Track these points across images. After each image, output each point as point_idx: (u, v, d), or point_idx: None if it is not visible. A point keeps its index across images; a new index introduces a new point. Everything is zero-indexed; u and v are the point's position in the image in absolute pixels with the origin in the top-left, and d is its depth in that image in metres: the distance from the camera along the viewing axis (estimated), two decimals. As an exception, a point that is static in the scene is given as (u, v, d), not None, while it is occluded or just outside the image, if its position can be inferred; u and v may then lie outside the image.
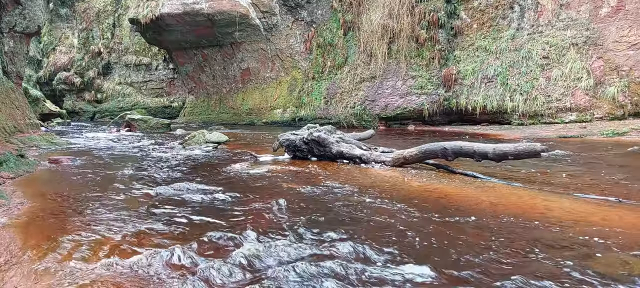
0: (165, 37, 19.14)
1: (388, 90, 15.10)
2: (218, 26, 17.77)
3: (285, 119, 17.80)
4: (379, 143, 7.79)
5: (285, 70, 18.75)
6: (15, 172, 5.09)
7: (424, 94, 14.39)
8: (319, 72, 17.46)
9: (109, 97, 24.66)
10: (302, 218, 3.23)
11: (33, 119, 9.83)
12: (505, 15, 13.38)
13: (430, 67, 14.49)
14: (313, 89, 17.36)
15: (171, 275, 2.21)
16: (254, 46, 18.76)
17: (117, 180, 5.00)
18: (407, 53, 14.88)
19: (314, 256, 2.44)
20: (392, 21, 15.00)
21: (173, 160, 6.94)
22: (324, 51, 17.46)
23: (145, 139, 11.31)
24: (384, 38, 15.25)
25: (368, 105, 15.43)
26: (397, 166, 5.82)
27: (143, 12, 18.26)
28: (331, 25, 17.38)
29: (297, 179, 5.05)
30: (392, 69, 15.22)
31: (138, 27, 19.21)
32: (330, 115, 16.22)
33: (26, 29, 9.57)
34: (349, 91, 16.07)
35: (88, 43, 25.12)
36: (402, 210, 3.47)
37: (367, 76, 15.74)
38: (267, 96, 19.07)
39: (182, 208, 3.59)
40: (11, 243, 2.55)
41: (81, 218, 3.19)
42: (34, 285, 2.03)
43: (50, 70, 26.24)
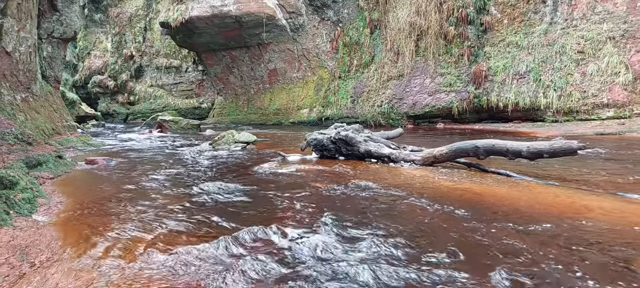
0: (195, 40, 19.50)
1: (416, 88, 14.92)
2: (245, 28, 17.97)
3: (312, 118, 17.83)
4: (408, 142, 7.69)
5: (311, 69, 18.79)
6: (55, 173, 5.27)
7: (453, 91, 14.14)
8: (345, 71, 17.41)
9: (141, 99, 25.31)
10: (332, 217, 3.21)
11: (70, 121, 10.17)
12: (537, 10, 12.99)
13: (459, 64, 14.23)
14: (339, 88, 17.32)
15: (204, 273, 2.23)
16: (281, 46, 18.88)
17: (150, 180, 5.11)
18: (435, 50, 14.66)
19: (344, 254, 2.42)
20: (420, 18, 14.81)
21: (203, 160, 7.05)
22: (350, 50, 17.40)
23: (176, 139, 11.54)
24: (411, 35, 15.08)
25: (395, 104, 15.29)
26: (427, 165, 5.73)
27: (173, 15, 18.66)
28: (357, 24, 17.30)
29: (325, 178, 5.04)
30: (419, 67, 15.03)
31: (168, 30, 19.65)
32: (357, 114, 16.15)
33: (63, 35, 9.92)
34: (376, 90, 15.97)
35: (121, 47, 25.86)
36: (433, 210, 3.40)
37: (395, 74, 15.59)
38: (294, 96, 19.15)
39: (214, 207, 3.64)
40: (52, 241, 2.64)
41: (117, 217, 3.27)
42: (74, 282, 2.09)
43: (85, 74, 27.16)
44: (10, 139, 5.58)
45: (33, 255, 2.39)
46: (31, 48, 8.64)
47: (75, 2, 10.18)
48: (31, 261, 2.30)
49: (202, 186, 4.54)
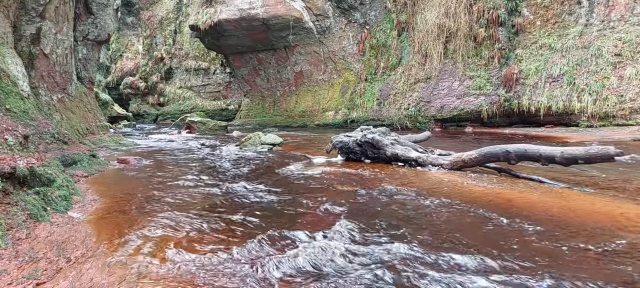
0: (223, 42, 19.79)
1: (444, 91, 14.70)
2: (273, 30, 18.11)
3: (337, 121, 17.80)
4: (435, 145, 7.58)
5: (337, 72, 18.77)
6: (88, 171, 5.43)
7: (482, 94, 13.87)
8: (371, 73, 17.32)
9: (170, 100, 25.85)
10: (357, 220, 3.19)
11: (103, 121, 10.48)
12: (572, 11, 12.61)
13: (489, 66, 13.94)
14: (366, 91, 17.24)
15: (231, 271, 2.25)
16: (307, 49, 18.94)
17: (179, 179, 5.20)
18: (464, 52, 14.42)
19: (369, 258, 2.39)
20: (449, 20, 14.59)
21: (231, 161, 7.13)
22: (377, 52, 17.31)
23: (204, 140, 11.72)
24: (439, 38, 14.88)
25: (423, 107, 15.11)
26: (456, 169, 5.63)
27: (202, 18, 18.99)
28: (385, 26, 17.19)
29: (351, 181, 5.02)
30: (448, 69, 14.81)
31: (197, 33, 20.02)
32: (383, 117, 16.03)
33: (98, 37, 10.24)
34: (402, 92, 15.81)
35: (152, 49, 26.51)
36: (463, 215, 3.34)
37: (422, 77, 15.40)
38: (320, 98, 19.18)
39: (241, 208, 3.67)
40: (86, 238, 2.71)
41: (148, 216, 3.34)
42: (107, 278, 2.14)
43: (117, 76, 27.95)
44: (48, 138, 5.79)
45: (69, 250, 2.47)
46: (67, 50, 8.95)
47: (109, 6, 10.50)
48: (67, 256, 2.38)
49: (229, 187, 4.59)
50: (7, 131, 3.92)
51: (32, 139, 4.81)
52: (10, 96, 5.80)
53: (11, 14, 7.08)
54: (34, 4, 7.67)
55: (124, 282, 2.10)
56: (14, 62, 6.72)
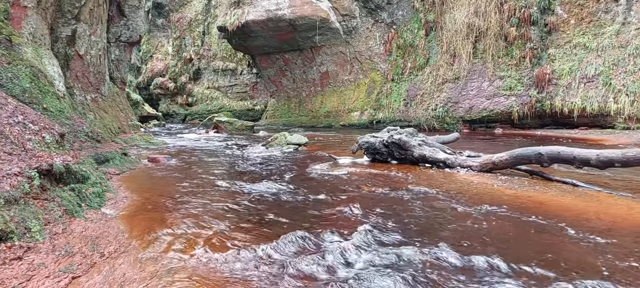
0: (250, 43, 20.00)
1: (473, 92, 14.43)
2: (299, 31, 18.19)
3: (363, 121, 17.72)
4: (464, 147, 7.45)
5: (363, 72, 18.70)
6: (120, 169, 5.58)
7: (513, 95, 13.54)
8: (398, 73, 17.17)
9: (198, 100, 26.30)
10: (384, 221, 3.16)
11: (134, 120, 10.75)
12: (608, 9, 12.17)
13: (521, 66, 13.61)
14: (392, 91, 17.10)
15: (259, 269, 2.27)
16: (333, 49, 18.93)
17: (207, 178, 5.28)
18: (494, 52, 14.12)
19: (396, 261, 2.37)
20: (479, 19, 14.33)
21: (257, 160, 7.19)
22: (404, 52, 17.15)
23: (231, 140, 11.87)
24: (469, 37, 14.62)
25: (451, 107, 14.87)
26: (485, 172, 5.51)
27: (230, 19, 19.25)
28: (412, 26, 17.02)
29: (377, 182, 4.98)
30: (477, 69, 14.53)
31: (225, 34, 20.31)
32: (410, 118, 15.87)
33: (129, 39, 10.50)
34: (430, 93, 15.61)
35: (181, 50, 27.05)
36: (492, 218, 3.26)
37: (450, 77, 15.17)
38: (345, 99, 19.14)
39: (267, 207, 3.70)
40: (119, 234, 2.78)
41: (177, 213, 3.40)
42: (139, 273, 2.19)
43: (148, 76, 28.64)
44: (82, 137, 5.97)
45: (102, 245, 2.53)
46: (101, 51, 9.22)
47: (141, 8, 10.76)
48: (101, 251, 2.44)
49: (256, 186, 4.63)
50: (45, 129, 4.07)
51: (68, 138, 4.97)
52: (47, 96, 6.02)
53: (48, 17, 7.34)
54: (70, 7, 7.93)
55: (155, 277, 2.14)
56: (51, 63, 6.96)
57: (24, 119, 3.97)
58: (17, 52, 6.17)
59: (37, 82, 5.99)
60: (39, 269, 2.07)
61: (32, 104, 5.48)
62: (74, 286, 2.02)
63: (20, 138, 3.47)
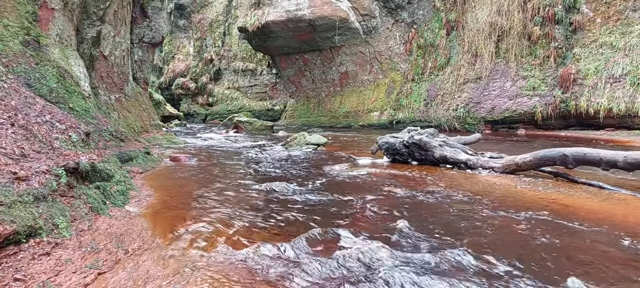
0: (270, 44, 20.12)
1: (495, 92, 14.19)
2: (319, 31, 18.21)
3: (383, 121, 17.62)
4: (485, 148, 7.34)
5: (383, 72, 18.60)
6: (143, 168, 5.68)
7: (536, 95, 13.27)
8: (418, 73, 17.02)
9: (218, 100, 26.60)
10: (404, 223, 3.13)
11: (156, 120, 10.93)
12: (636, 7, 11.82)
13: (544, 66, 13.32)
14: (412, 91, 16.96)
15: (277, 268, 2.28)
16: (353, 49, 18.89)
17: (228, 177, 5.33)
18: (517, 52, 13.86)
19: (416, 263, 2.34)
20: (501, 18, 14.09)
21: (277, 160, 7.23)
22: (424, 52, 16.99)
23: (251, 139, 11.96)
24: (491, 36, 14.39)
25: (472, 108, 14.66)
26: (508, 173, 5.42)
27: (250, 20, 19.40)
28: (433, 26, 16.85)
29: (397, 183, 4.94)
30: (499, 69, 14.29)
31: (246, 34, 20.47)
32: (430, 118, 15.71)
33: (152, 40, 10.69)
34: (451, 93, 15.43)
35: (202, 51, 27.41)
36: (516, 220, 3.20)
37: (472, 77, 14.96)
38: (365, 99, 19.07)
39: (287, 206, 3.71)
40: (142, 231, 2.83)
41: (198, 212, 3.44)
42: (162, 270, 2.22)
43: (169, 77, 29.12)
44: (106, 136, 6.10)
45: (127, 242, 2.58)
46: (125, 52, 9.41)
47: (163, 9, 10.94)
48: (125, 248, 2.49)
49: (276, 185, 4.65)
50: (71, 128, 4.17)
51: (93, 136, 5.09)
52: (74, 95, 6.16)
53: (75, 18, 7.53)
54: (95, 8, 8.12)
55: (178, 274, 2.17)
56: (77, 63, 7.13)
57: (52, 118, 4.08)
58: (45, 53, 6.33)
59: (63, 82, 6.14)
60: (66, 265, 2.12)
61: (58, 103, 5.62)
62: (100, 282, 2.06)
63: (48, 137, 3.56)
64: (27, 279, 1.90)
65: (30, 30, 6.34)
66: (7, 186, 2.36)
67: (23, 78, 5.48)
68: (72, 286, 1.97)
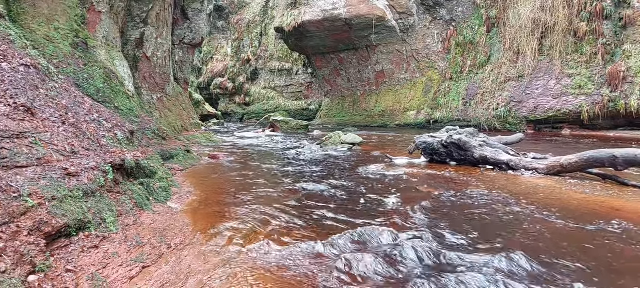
0: (306, 43, 20.23)
1: (538, 91, 13.68)
2: (355, 30, 18.15)
3: (419, 121, 17.36)
4: (528, 148, 7.10)
5: (420, 71, 18.32)
6: (184, 165, 5.84)
7: (582, 94, 12.69)
8: (457, 72, 16.66)
9: (255, 100, 27.01)
10: (443, 224, 3.07)
11: (195, 119, 11.22)
12: (694, -1, 11.09)
13: (591, 64, 12.72)
14: (450, 90, 16.62)
15: (316, 265, 2.29)
16: (389, 48, 18.71)
17: (265, 176, 5.40)
18: (562, 49, 13.31)
19: (456, 265, 2.29)
20: (545, 14, 13.57)
21: (312, 159, 7.25)
22: (463, 50, 16.61)
23: (286, 139, 12.07)
24: (534, 33, 13.89)
25: (513, 107, 14.20)
26: (552, 175, 5.22)
27: (287, 20, 19.58)
28: (472, 23, 16.44)
29: (435, 183, 4.85)
30: (543, 67, 13.77)
31: (282, 34, 20.69)
32: (469, 118, 15.34)
33: (192, 41, 10.97)
34: (491, 92, 15.00)
35: (239, 51, 27.94)
36: (561, 223, 3.07)
37: (513, 75, 14.49)
38: (401, 98, 18.85)
39: (323, 205, 3.71)
40: (184, 227, 2.91)
41: (237, 209, 3.50)
42: (203, 265, 2.28)
43: (208, 77, 29.83)
44: (149, 134, 6.31)
45: (169, 238, 2.66)
46: (166, 53, 9.70)
47: (203, 11, 11.20)
48: (168, 243, 2.56)
49: (311, 184, 4.67)
50: (117, 127, 4.33)
51: (137, 135, 5.27)
52: (119, 95, 6.41)
53: (120, 21, 7.83)
54: (139, 11, 8.41)
55: (218, 269, 2.22)
56: (122, 64, 7.41)
57: (99, 116, 4.25)
58: (92, 55, 6.62)
59: (109, 82, 6.40)
60: (113, 258, 2.21)
61: (105, 102, 5.87)
62: (144, 275, 2.13)
63: (95, 134, 3.72)
64: (77, 271, 1.99)
65: (79, 32, 6.64)
66: (59, 181, 2.48)
67: (72, 78, 5.75)
68: (119, 279, 2.05)
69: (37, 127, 3.02)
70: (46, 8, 6.33)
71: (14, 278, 1.73)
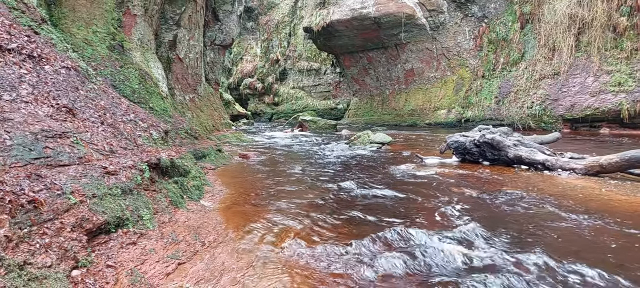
0: (334, 42, 20.23)
1: (575, 88, 13.21)
2: (384, 28, 18.01)
3: (450, 120, 17.07)
4: (564, 148, 6.87)
5: (451, 69, 18.01)
6: (215, 164, 5.94)
7: (622, 91, 12.17)
8: (489, 69, 16.29)
9: (283, 100, 27.23)
10: (477, 224, 3.01)
11: (226, 119, 11.40)
12: None
13: (632, 60, 12.19)
14: (482, 88, 16.27)
15: (346, 264, 2.29)
16: (419, 46, 18.48)
17: (295, 175, 5.44)
18: (600, 45, 12.81)
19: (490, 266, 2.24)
20: (582, 9, 13.09)
21: (341, 158, 7.25)
22: (496, 47, 16.23)
23: (315, 138, 12.10)
24: (570, 29, 13.42)
25: (549, 105, 13.76)
26: (591, 175, 5.03)
27: (315, 20, 19.63)
28: (505, 19, 16.04)
29: (467, 183, 4.76)
30: (580, 64, 13.29)
31: (310, 34, 20.77)
32: (502, 116, 14.97)
33: (223, 42, 11.15)
34: (525, 89, 14.59)
35: (268, 52, 28.22)
36: (601, 226, 2.96)
37: (549, 72, 14.05)
38: (431, 96, 18.58)
39: (353, 204, 3.71)
40: (217, 225, 2.97)
41: (268, 207, 3.54)
42: (236, 263, 2.31)
43: (238, 77, 30.27)
44: (182, 133, 6.45)
45: (203, 235, 2.71)
46: (198, 54, 9.90)
47: (233, 12, 11.37)
48: (202, 241, 2.62)
49: (341, 184, 4.67)
50: (152, 127, 4.45)
51: (170, 134, 5.40)
52: (153, 96, 6.59)
53: (154, 23, 8.04)
54: (172, 14, 8.61)
55: (251, 267, 2.25)
56: (156, 65, 7.61)
57: (135, 116, 4.38)
58: (128, 57, 6.83)
59: (144, 83, 6.59)
60: (150, 254, 2.27)
61: (140, 103, 6.04)
62: (180, 271, 2.18)
63: (132, 134, 3.83)
64: (117, 266, 2.06)
65: (116, 35, 6.86)
66: (98, 179, 2.57)
67: (110, 80, 5.94)
68: (156, 274, 2.11)
69: (78, 127, 3.13)
70: (85, 12, 6.57)
71: (59, 272, 1.80)
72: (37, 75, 3.42)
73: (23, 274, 1.63)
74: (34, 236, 1.84)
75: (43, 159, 2.43)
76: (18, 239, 1.76)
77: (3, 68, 3.13)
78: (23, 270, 1.64)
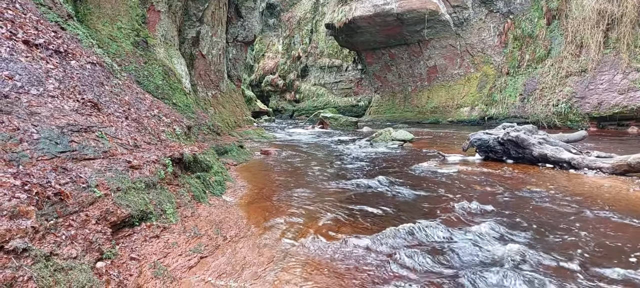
0: (356, 39, 20.13)
1: (602, 86, 12.83)
2: (406, 25, 17.83)
3: (473, 117, 16.80)
4: (591, 147, 6.69)
5: (475, 66, 17.71)
6: (237, 160, 6.00)
7: (653, 89, 11.76)
8: (514, 66, 15.96)
9: (305, 97, 27.28)
10: (500, 223, 2.95)
11: (248, 115, 11.49)
12: None
13: (665, 56, 11.75)
14: (507, 85, 15.95)
15: (366, 259, 2.29)
16: (442, 42, 18.23)
17: (316, 172, 5.44)
18: (630, 41, 12.39)
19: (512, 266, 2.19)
20: (611, 5, 12.67)
21: (362, 155, 7.22)
22: (521, 44, 15.88)
23: (336, 135, 12.09)
24: (598, 25, 13.02)
25: (575, 103, 13.40)
26: (618, 174, 4.89)
27: (337, 16, 19.57)
28: (531, 15, 15.67)
29: (491, 181, 4.68)
30: (608, 61, 12.89)
31: (332, 31, 20.71)
32: (527, 114, 14.65)
33: (245, 38, 11.23)
34: (551, 87, 14.24)
35: (290, 49, 28.31)
36: (630, 227, 2.87)
37: (575, 70, 13.67)
38: (454, 94, 18.32)
39: (373, 201, 3.69)
40: (239, 220, 3.00)
41: (288, 203, 3.56)
42: (257, 258, 2.34)
43: (259, 74, 30.46)
44: (204, 129, 6.53)
45: (225, 230, 2.75)
46: (221, 51, 9.99)
47: (256, 9, 11.43)
48: (224, 235, 2.65)
49: (362, 181, 4.65)
50: (175, 122, 4.52)
51: (193, 130, 5.48)
52: (177, 92, 6.69)
53: (177, 20, 8.14)
54: (195, 10, 8.71)
55: (272, 262, 2.27)
56: (179, 62, 7.72)
57: (159, 112, 4.46)
58: (152, 53, 6.94)
59: (168, 79, 6.69)
60: (173, 248, 2.31)
61: (163, 98, 6.14)
62: (202, 265, 2.21)
63: (155, 129, 3.90)
64: (140, 259, 2.10)
65: (140, 31, 6.98)
66: (123, 173, 2.62)
67: (134, 75, 6.05)
68: (179, 268, 2.14)
69: (103, 122, 3.20)
70: (110, 8, 6.70)
71: (84, 263, 1.85)
72: (63, 70, 3.51)
73: (49, 265, 1.67)
74: (60, 228, 1.89)
75: (69, 153, 2.49)
76: (45, 230, 1.81)
77: (31, 63, 3.23)
78: (49, 261, 1.69)
